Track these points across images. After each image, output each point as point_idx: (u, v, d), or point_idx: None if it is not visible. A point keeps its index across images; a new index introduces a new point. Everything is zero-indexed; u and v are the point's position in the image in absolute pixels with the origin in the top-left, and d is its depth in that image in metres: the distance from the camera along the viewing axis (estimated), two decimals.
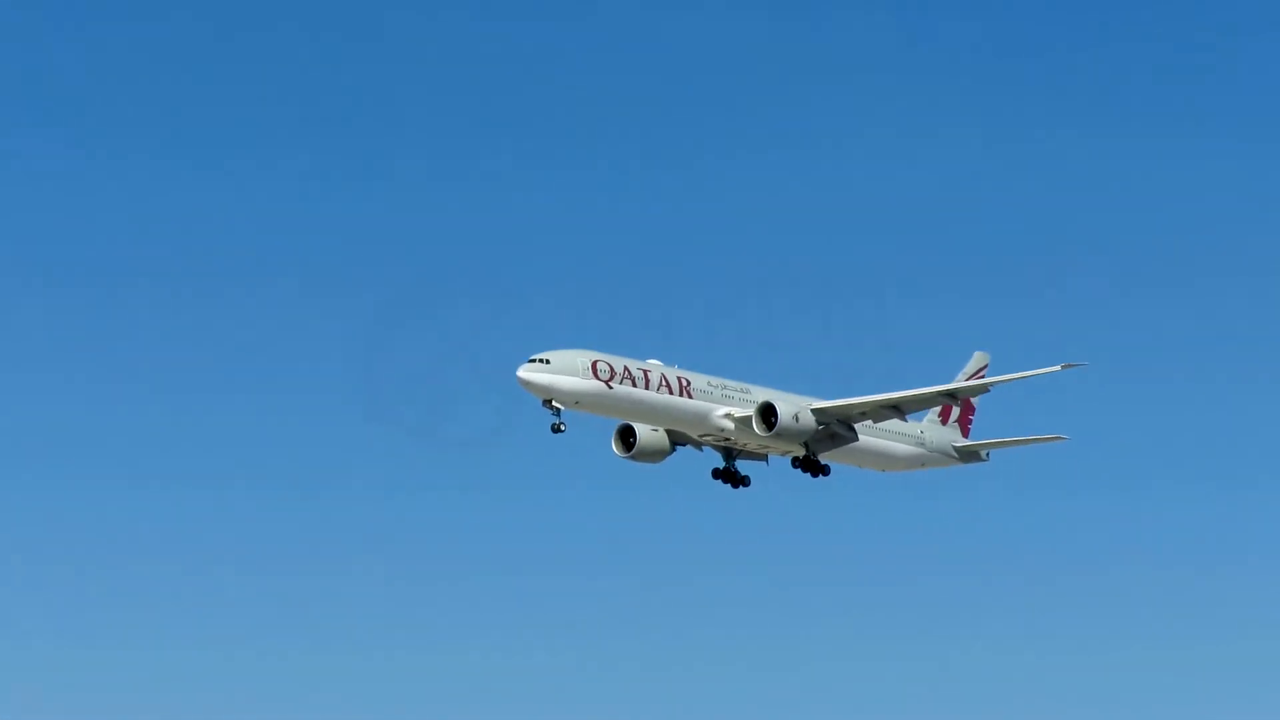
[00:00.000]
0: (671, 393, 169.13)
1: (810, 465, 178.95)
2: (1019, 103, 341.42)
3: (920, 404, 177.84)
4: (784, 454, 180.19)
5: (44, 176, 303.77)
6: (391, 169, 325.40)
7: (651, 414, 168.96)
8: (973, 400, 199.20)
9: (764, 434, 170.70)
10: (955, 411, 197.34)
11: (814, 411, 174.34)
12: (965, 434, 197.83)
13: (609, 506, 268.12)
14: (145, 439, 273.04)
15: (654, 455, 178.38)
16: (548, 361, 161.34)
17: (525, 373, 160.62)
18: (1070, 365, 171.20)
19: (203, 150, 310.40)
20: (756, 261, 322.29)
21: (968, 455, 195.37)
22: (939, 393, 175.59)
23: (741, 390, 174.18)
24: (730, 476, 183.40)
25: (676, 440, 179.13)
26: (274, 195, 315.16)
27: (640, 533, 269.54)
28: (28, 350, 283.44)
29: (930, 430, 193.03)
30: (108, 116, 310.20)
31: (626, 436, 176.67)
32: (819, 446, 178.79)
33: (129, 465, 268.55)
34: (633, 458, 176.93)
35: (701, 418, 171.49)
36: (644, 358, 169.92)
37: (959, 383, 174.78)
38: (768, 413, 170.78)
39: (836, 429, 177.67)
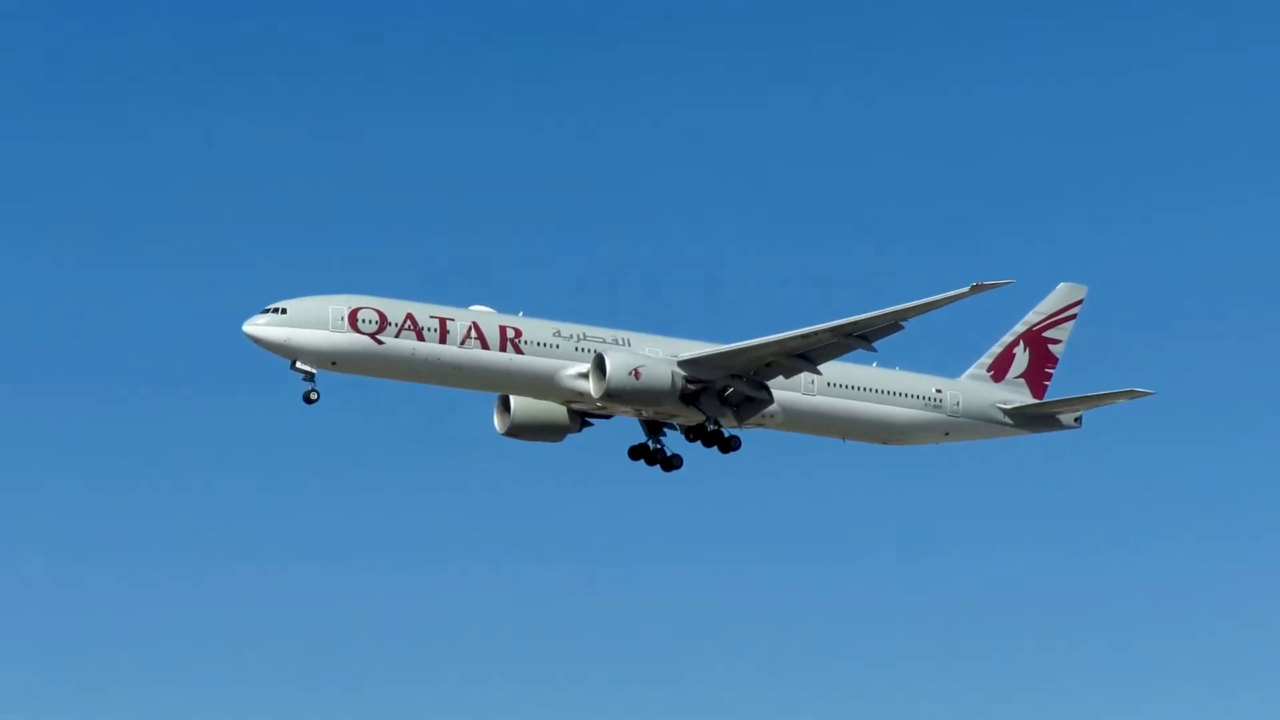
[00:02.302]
0: (486, 347, 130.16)
1: (705, 435, 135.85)
2: None
3: (830, 349, 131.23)
4: (694, 424, 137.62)
5: None
6: None
7: (457, 375, 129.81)
8: (1052, 348, 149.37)
9: (598, 395, 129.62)
10: (1021, 362, 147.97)
11: (684, 364, 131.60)
12: (1039, 394, 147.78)
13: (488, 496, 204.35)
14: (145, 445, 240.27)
15: (546, 432, 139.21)
16: (284, 311, 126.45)
17: (253, 327, 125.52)
18: (981, 287, 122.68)
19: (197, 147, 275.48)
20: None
21: (1034, 421, 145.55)
22: (836, 329, 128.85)
23: (618, 342, 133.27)
24: (653, 455, 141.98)
25: (583, 411, 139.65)
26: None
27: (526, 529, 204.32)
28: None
29: (960, 388, 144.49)
30: None
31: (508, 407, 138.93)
32: (738, 413, 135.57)
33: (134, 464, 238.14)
34: (511, 434, 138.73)
35: (543, 380, 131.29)
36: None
37: (873, 313, 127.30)
38: (601, 365, 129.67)
39: (742, 388, 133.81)
